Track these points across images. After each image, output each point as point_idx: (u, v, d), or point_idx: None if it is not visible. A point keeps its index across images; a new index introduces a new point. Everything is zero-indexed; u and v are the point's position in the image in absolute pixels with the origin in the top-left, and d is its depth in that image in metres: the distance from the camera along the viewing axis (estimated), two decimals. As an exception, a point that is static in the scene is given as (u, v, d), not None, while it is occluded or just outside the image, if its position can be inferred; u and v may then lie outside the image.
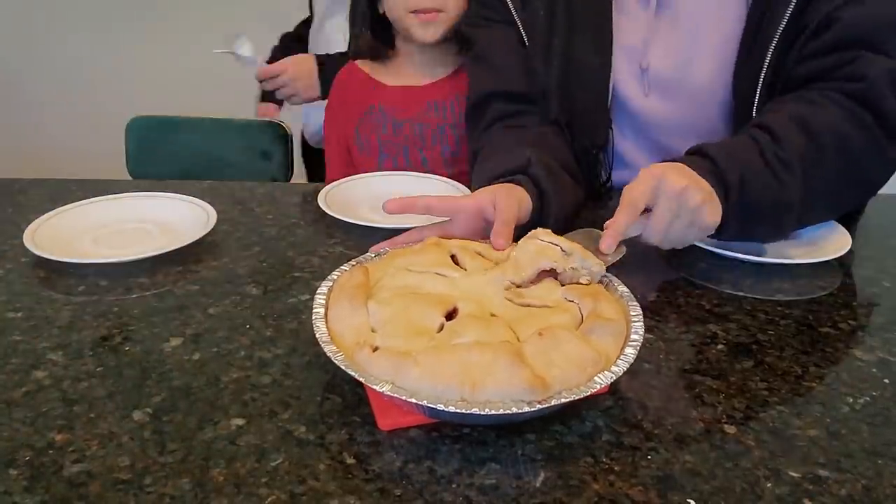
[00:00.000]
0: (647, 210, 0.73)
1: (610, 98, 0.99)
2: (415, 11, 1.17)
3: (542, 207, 0.83)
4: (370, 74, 1.30)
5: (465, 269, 0.64)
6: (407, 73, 1.28)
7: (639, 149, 1.04)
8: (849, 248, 0.83)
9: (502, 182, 0.82)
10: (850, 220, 0.91)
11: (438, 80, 1.27)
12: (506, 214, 0.74)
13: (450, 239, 0.69)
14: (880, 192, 0.96)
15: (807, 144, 0.79)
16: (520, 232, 0.71)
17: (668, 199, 0.72)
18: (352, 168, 1.29)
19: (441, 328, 0.56)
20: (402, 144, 1.25)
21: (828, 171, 0.81)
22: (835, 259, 0.82)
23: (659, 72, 0.98)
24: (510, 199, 0.77)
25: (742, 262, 0.82)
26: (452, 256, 0.66)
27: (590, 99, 0.99)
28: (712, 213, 0.74)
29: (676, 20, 0.97)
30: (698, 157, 0.77)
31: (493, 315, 0.58)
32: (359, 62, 1.32)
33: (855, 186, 0.86)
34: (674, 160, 0.76)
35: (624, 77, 1.00)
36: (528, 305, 0.60)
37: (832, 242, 0.85)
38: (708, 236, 0.79)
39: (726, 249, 0.83)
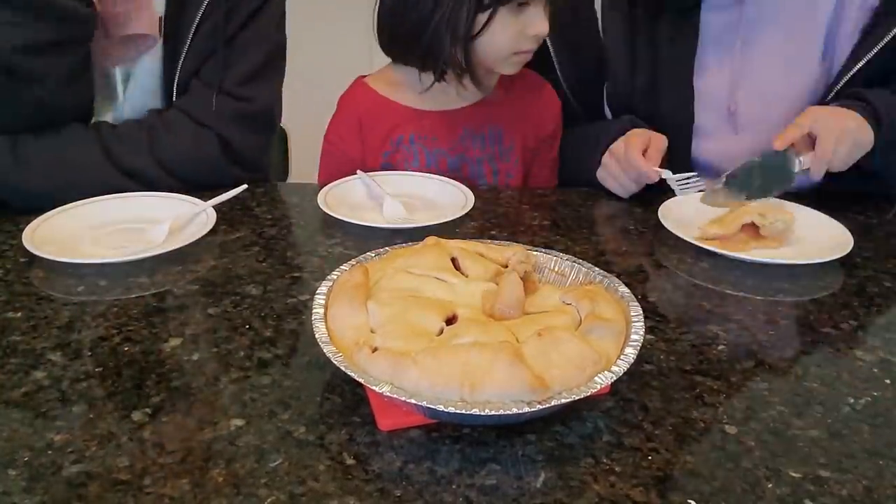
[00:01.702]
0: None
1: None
2: (518, 52, 1.01)
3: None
4: (389, 96, 1.11)
5: (466, 276, 0.64)
6: (437, 94, 1.08)
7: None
8: (850, 247, 0.83)
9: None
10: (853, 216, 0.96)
11: (474, 104, 1.11)
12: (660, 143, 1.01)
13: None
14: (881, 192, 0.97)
15: None
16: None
17: (829, 121, 0.91)
18: None
19: (440, 332, 0.56)
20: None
21: None
22: (835, 259, 0.81)
23: (751, 113, 1.07)
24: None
25: (743, 262, 0.82)
26: (453, 260, 0.66)
27: (674, 146, 1.06)
28: (867, 132, 0.93)
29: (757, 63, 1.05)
30: (852, 100, 0.97)
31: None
32: (369, 79, 1.13)
33: None
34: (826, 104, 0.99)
35: (710, 122, 1.09)
36: (526, 314, 0.60)
37: (833, 242, 0.85)
38: (862, 162, 0.94)
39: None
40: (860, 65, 0.99)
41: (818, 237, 0.88)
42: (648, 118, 1.08)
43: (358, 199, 1.01)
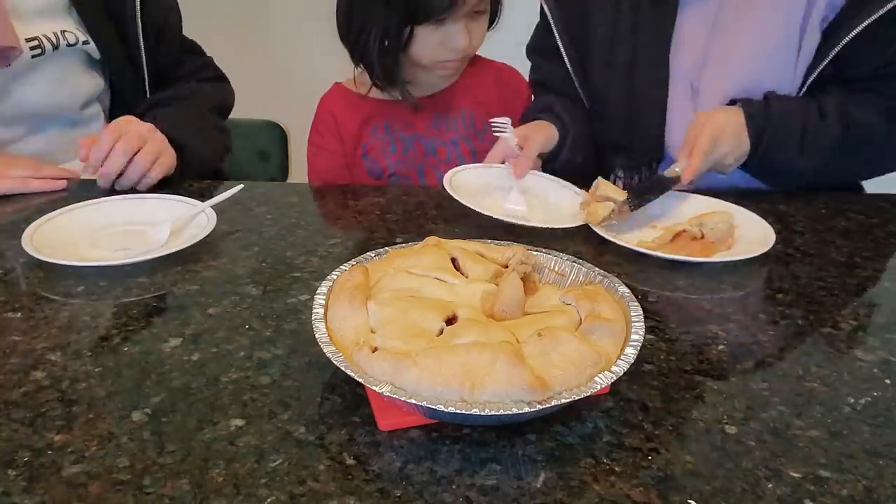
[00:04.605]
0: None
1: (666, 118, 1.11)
2: (443, 61, 1.15)
3: (564, 136, 1.09)
4: (361, 92, 1.23)
5: (466, 276, 0.64)
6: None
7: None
8: (773, 241, 0.84)
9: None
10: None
11: (442, 91, 1.23)
12: (532, 149, 1.01)
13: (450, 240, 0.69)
14: (880, 192, 0.98)
15: (842, 135, 1.00)
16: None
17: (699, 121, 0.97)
18: None
19: (440, 332, 0.56)
20: (416, 163, 1.21)
21: (851, 161, 1.03)
22: (835, 258, 0.81)
23: (712, 91, 1.07)
24: (538, 133, 1.05)
25: (742, 261, 0.82)
26: (453, 260, 0.66)
27: (649, 124, 1.10)
28: (741, 128, 0.99)
29: (731, 39, 1.05)
30: (760, 104, 1.01)
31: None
32: (345, 81, 1.25)
33: (866, 170, 1.10)
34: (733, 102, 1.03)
35: (678, 100, 1.10)
36: (526, 314, 0.60)
37: (762, 236, 0.86)
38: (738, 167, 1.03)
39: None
40: (823, 63, 0.99)
41: (752, 234, 0.88)
42: (627, 92, 1.11)
43: (482, 185, 1.01)
